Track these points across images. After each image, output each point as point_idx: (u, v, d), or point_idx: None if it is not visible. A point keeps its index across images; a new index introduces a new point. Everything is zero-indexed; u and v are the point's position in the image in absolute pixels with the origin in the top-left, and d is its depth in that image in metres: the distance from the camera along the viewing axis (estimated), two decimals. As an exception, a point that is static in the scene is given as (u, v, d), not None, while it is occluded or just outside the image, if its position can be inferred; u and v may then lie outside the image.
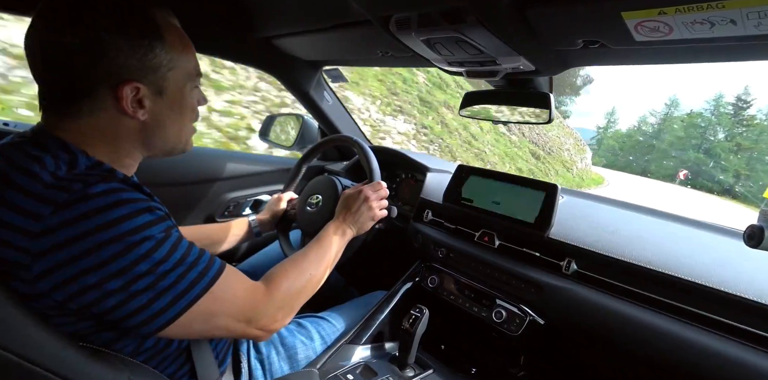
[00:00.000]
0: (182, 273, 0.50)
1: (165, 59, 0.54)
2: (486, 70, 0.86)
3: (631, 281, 0.78)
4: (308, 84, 1.44)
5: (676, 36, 0.52)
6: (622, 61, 0.74)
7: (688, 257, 0.76)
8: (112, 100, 0.51)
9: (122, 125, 0.54)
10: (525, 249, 0.94)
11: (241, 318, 0.57)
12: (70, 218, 0.44)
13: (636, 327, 0.72)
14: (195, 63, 0.61)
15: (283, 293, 0.64)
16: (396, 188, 1.43)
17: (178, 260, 0.50)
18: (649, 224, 0.96)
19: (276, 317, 0.62)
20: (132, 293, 0.46)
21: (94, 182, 0.47)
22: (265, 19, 1.07)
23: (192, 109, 0.62)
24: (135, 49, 0.51)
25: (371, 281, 1.33)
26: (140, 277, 0.46)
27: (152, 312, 0.48)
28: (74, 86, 0.51)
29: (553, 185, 0.92)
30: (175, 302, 0.49)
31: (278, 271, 0.67)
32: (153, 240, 0.48)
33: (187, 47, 0.59)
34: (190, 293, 0.50)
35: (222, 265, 0.56)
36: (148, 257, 0.47)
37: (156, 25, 0.53)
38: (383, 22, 0.73)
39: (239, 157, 1.50)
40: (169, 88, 0.56)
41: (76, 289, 0.44)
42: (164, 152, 0.62)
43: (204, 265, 0.53)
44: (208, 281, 0.52)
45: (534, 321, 0.86)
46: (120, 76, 0.51)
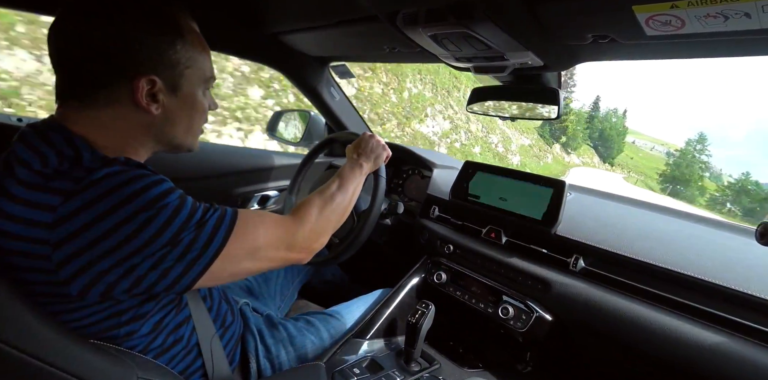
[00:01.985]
0: (202, 225, 0.52)
1: (183, 57, 0.56)
2: (494, 66, 0.85)
3: (640, 278, 0.77)
4: (315, 80, 1.44)
5: (689, 30, 0.51)
6: (632, 56, 0.73)
7: (698, 255, 0.75)
8: (128, 92, 0.53)
9: (135, 118, 0.55)
10: (532, 246, 0.94)
11: (281, 245, 0.61)
12: (82, 205, 0.45)
13: (644, 324, 0.72)
14: (210, 66, 0.62)
15: (313, 217, 0.68)
16: (403, 184, 1.43)
17: (199, 218, 0.52)
18: (658, 221, 0.95)
19: (313, 238, 0.67)
20: (160, 257, 0.48)
21: (97, 167, 0.48)
22: (273, 15, 1.07)
23: (203, 111, 0.64)
24: (157, 44, 0.53)
25: (376, 278, 1.34)
26: (166, 244, 0.48)
27: (185, 264, 0.50)
28: (95, 76, 0.52)
29: (560, 181, 0.91)
30: (204, 249, 0.51)
31: (304, 203, 0.72)
32: (170, 208, 0.49)
33: (204, 50, 0.61)
34: (216, 238, 0.52)
35: (235, 210, 0.58)
36: (170, 224, 0.48)
37: (177, 24, 0.56)
38: (390, 17, 0.73)
39: (246, 152, 1.51)
40: (183, 87, 0.58)
41: (103, 268, 0.46)
42: (170, 148, 0.63)
43: (220, 211, 0.55)
44: (229, 222, 0.55)
45: (540, 318, 0.86)
46: (139, 68, 0.52)
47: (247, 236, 0.56)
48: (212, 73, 0.63)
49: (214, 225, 0.53)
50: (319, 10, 0.96)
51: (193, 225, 0.51)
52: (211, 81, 0.64)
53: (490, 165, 1.07)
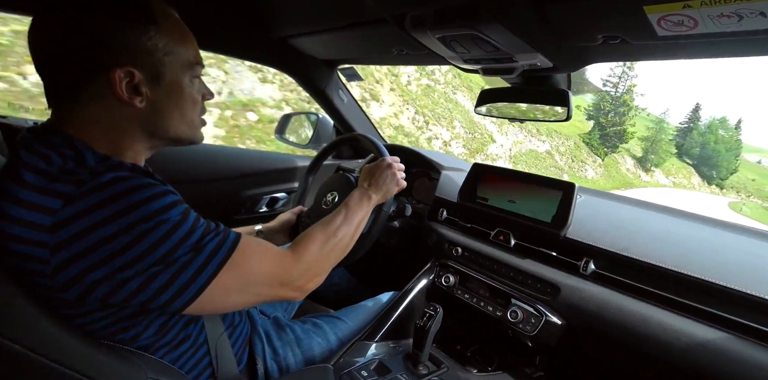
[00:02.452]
0: (201, 247, 0.50)
1: (160, 43, 0.53)
2: (502, 68, 0.85)
3: (652, 282, 0.76)
4: (324, 83, 1.45)
5: (701, 30, 0.50)
6: (643, 56, 0.72)
7: (712, 259, 0.74)
8: (108, 86, 0.50)
9: (121, 113, 0.53)
10: (541, 249, 0.93)
11: (274, 281, 0.59)
12: (83, 209, 0.44)
13: (657, 329, 0.70)
14: (195, 53, 0.59)
15: (312, 254, 0.65)
16: (410, 187, 1.43)
17: (198, 238, 0.50)
18: (670, 223, 0.94)
19: (308, 277, 0.64)
20: (150, 275, 0.47)
21: (102, 171, 0.47)
22: (282, 19, 1.09)
23: (193, 100, 0.60)
24: (129, 31, 0.50)
25: (383, 281, 1.34)
26: (159, 260, 0.47)
27: (176, 288, 0.48)
28: (71, 74, 0.51)
29: (570, 183, 0.90)
30: (197, 275, 0.49)
31: (305, 236, 0.68)
32: (170, 223, 0.48)
33: (185, 36, 0.58)
34: (211, 264, 0.51)
35: (237, 236, 0.56)
36: (166, 240, 0.47)
37: (151, 10, 0.53)
38: (398, 20, 0.73)
39: (255, 155, 1.52)
40: (166, 75, 0.55)
41: (94, 279, 0.45)
42: (168, 141, 0.61)
43: (221, 236, 0.53)
44: (227, 250, 0.53)
45: (550, 322, 0.84)
46: (113, 59, 0.50)
47: (241, 267, 0.54)
48: (197, 58, 0.60)
49: (212, 250, 0.51)
50: (327, 13, 0.97)
51: (189, 246, 0.49)
52: (198, 67, 0.60)
53: (499, 167, 1.07)
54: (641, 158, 39.62)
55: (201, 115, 0.64)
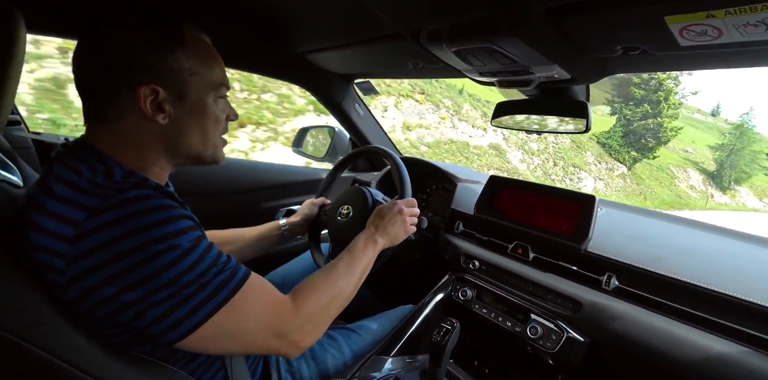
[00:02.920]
0: (205, 283, 0.49)
1: (186, 64, 0.56)
2: (519, 80, 0.84)
3: (679, 298, 0.73)
4: (340, 97, 1.48)
5: (726, 39, 0.49)
6: (664, 67, 0.71)
7: (743, 275, 0.71)
8: (134, 103, 0.53)
9: (146, 129, 0.55)
10: (561, 263, 0.91)
11: (268, 332, 0.55)
12: (103, 224, 0.46)
13: (686, 349, 0.67)
14: (221, 75, 0.61)
15: (312, 307, 0.61)
16: (426, 199, 1.42)
17: (203, 270, 0.50)
18: (699, 238, 0.90)
19: (306, 330, 0.60)
20: (152, 302, 0.46)
21: (128, 188, 0.49)
22: (300, 36, 1.11)
23: (216, 119, 0.62)
24: (156, 51, 0.53)
25: (398, 294, 1.32)
26: (162, 287, 0.46)
27: (172, 321, 0.47)
28: (101, 90, 0.53)
29: (590, 196, 0.89)
30: (195, 311, 0.48)
31: (307, 284, 0.65)
32: (179, 250, 0.48)
33: (212, 58, 0.60)
34: (211, 302, 0.49)
35: (246, 273, 0.55)
36: (173, 266, 0.47)
37: (179, 32, 0.56)
38: (414, 34, 0.74)
39: (272, 168, 1.54)
40: (190, 94, 0.57)
41: (101, 296, 0.45)
42: (190, 159, 0.62)
43: (230, 271, 0.52)
44: (231, 290, 0.51)
45: (572, 339, 0.81)
46: (140, 77, 0.53)
47: (240, 310, 0.52)
48: (222, 80, 0.62)
49: (216, 287, 0.50)
50: (343, 29, 0.99)
51: (195, 276, 0.49)
52: (223, 88, 0.62)
53: (516, 180, 1.05)
54: (714, 172, 31.11)
55: (223, 134, 0.66)
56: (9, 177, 0.81)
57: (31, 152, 1.10)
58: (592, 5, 0.52)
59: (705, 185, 29.42)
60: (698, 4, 0.44)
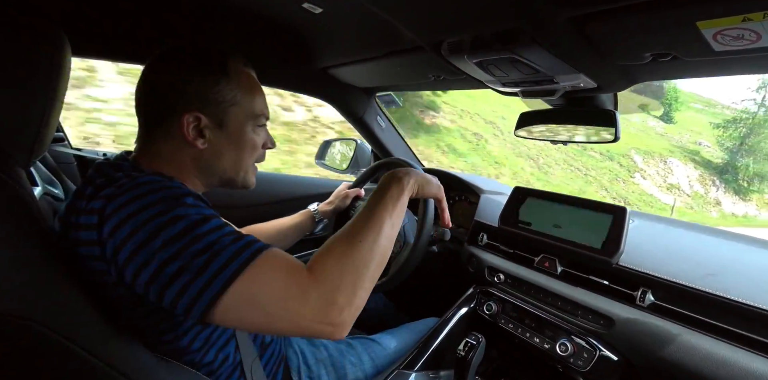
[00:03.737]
0: (217, 250, 0.47)
1: (228, 95, 0.61)
2: (543, 90, 0.83)
3: (721, 316, 0.68)
4: (362, 110, 1.50)
5: (765, 43, 0.47)
6: (696, 73, 0.68)
7: None
8: (178, 127, 0.58)
9: (186, 151, 0.61)
10: (591, 277, 0.87)
11: (291, 302, 0.48)
12: (119, 204, 0.48)
13: (730, 370, 0.62)
14: (261, 106, 0.66)
15: (334, 271, 0.51)
16: (449, 210, 1.41)
17: (214, 239, 0.48)
18: (738, 251, 0.85)
19: (334, 301, 0.49)
20: (168, 274, 0.45)
21: (140, 175, 0.53)
22: (322, 52, 1.15)
23: (252, 146, 0.66)
24: (202, 83, 0.59)
25: (422, 307, 1.30)
26: (172, 259, 0.46)
27: (193, 292, 0.45)
28: (154, 115, 0.60)
29: (621, 207, 0.85)
30: (211, 280, 0.45)
31: (323, 248, 0.55)
32: (187, 220, 0.48)
33: (253, 90, 0.65)
34: (227, 270, 0.46)
35: (263, 245, 0.50)
36: (180, 238, 0.46)
37: (225, 65, 0.61)
38: (435, 47, 0.75)
39: (297, 180, 1.57)
40: (230, 123, 0.62)
41: (133, 269, 0.46)
42: (221, 182, 0.67)
43: (242, 244, 0.49)
44: (246, 258, 0.47)
45: (605, 357, 0.77)
46: (186, 106, 0.58)
47: (258, 277, 0.48)
48: (262, 111, 0.66)
49: (230, 256, 0.47)
50: (366, 44, 1.01)
51: (206, 245, 0.47)
52: (262, 118, 0.67)
53: (542, 191, 1.03)
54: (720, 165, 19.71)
55: (258, 161, 0.70)
56: (53, 191, 0.86)
57: (72, 167, 1.17)
58: (618, 12, 0.51)
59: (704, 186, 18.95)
60: (733, 7, 0.43)
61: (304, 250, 1.48)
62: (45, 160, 0.99)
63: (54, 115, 0.53)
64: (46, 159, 1.00)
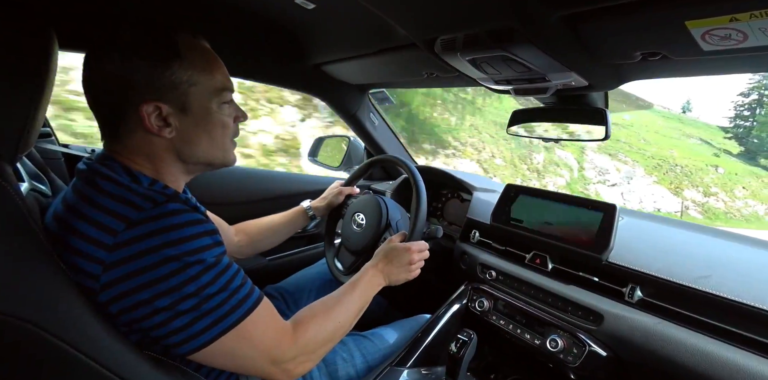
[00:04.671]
0: (224, 299, 0.52)
1: (184, 76, 0.56)
2: (535, 88, 0.84)
3: (709, 313, 0.69)
4: (355, 106, 1.49)
5: (752, 43, 0.48)
6: (685, 72, 0.70)
7: None
8: (139, 120, 0.54)
9: (156, 143, 0.57)
10: (581, 273, 0.88)
11: (266, 356, 0.56)
12: (140, 235, 0.48)
13: (717, 365, 0.64)
14: (222, 80, 0.61)
15: (310, 338, 0.62)
16: (442, 208, 1.41)
17: (222, 285, 0.52)
18: (729, 249, 0.86)
19: (300, 361, 0.61)
20: (177, 312, 0.49)
21: (163, 202, 0.51)
22: (316, 48, 1.14)
23: (223, 125, 0.62)
24: (152, 68, 0.53)
25: (415, 304, 1.30)
26: (187, 297, 0.49)
27: (190, 333, 0.50)
28: (108, 110, 0.56)
29: (611, 205, 0.86)
30: (212, 325, 0.50)
31: (308, 315, 0.66)
32: (204, 264, 0.50)
33: (210, 65, 0.59)
34: (228, 319, 0.52)
35: (260, 297, 0.57)
36: (197, 279, 0.49)
37: (174, 45, 0.55)
38: (429, 44, 0.75)
39: (287, 177, 1.57)
40: (193, 105, 0.57)
41: (131, 302, 0.48)
42: (201, 165, 0.64)
43: (245, 293, 0.54)
44: (246, 310, 0.54)
45: (594, 353, 0.78)
46: (141, 95, 0.54)
47: (248, 331, 0.54)
48: (225, 84, 0.61)
49: (234, 305, 0.53)
50: (359, 41, 1.00)
51: (216, 291, 0.51)
52: (226, 93, 0.62)
53: (534, 188, 1.03)
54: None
55: (233, 137, 0.67)
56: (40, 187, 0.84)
57: (60, 163, 1.14)
58: (609, 12, 0.51)
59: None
60: (721, 8, 0.43)
61: (298, 247, 1.48)
62: (31, 156, 0.97)
63: (40, 110, 0.52)
64: (33, 155, 0.98)
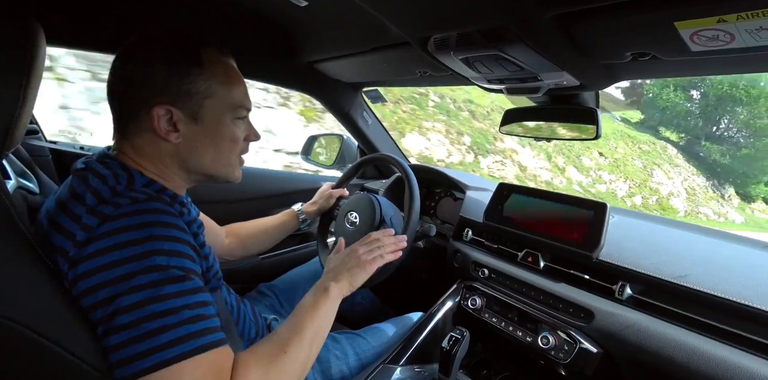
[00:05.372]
0: (175, 324, 0.45)
1: (202, 87, 0.57)
2: (527, 87, 0.84)
3: (697, 309, 0.70)
4: (348, 105, 1.49)
5: (739, 44, 0.48)
6: (675, 72, 0.71)
7: (765, 285, 0.68)
8: (150, 122, 0.56)
9: (161, 146, 0.58)
10: (573, 271, 0.89)
11: None
12: (110, 230, 0.48)
13: (704, 361, 0.65)
14: (240, 97, 0.62)
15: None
16: (435, 207, 1.42)
17: (179, 306, 0.46)
18: (718, 247, 0.88)
19: None
20: (119, 324, 0.44)
21: (143, 200, 0.51)
22: (309, 45, 1.13)
23: (232, 139, 0.63)
24: (171, 74, 0.55)
25: (408, 303, 1.31)
26: (132, 307, 0.45)
27: (126, 354, 0.44)
28: (124, 108, 0.57)
29: (602, 203, 0.87)
30: (150, 352, 0.44)
31: (248, 357, 0.54)
32: (166, 272, 0.47)
33: (231, 81, 0.61)
34: (169, 350, 0.44)
35: (221, 341, 0.49)
36: (154, 286, 0.46)
37: (198, 55, 0.57)
38: (422, 43, 0.75)
39: (281, 175, 1.56)
40: (205, 116, 0.59)
41: (92, 301, 0.46)
42: (203, 177, 0.64)
43: (203, 327, 0.47)
44: (196, 347, 0.46)
45: (585, 349, 0.79)
46: (155, 98, 0.55)
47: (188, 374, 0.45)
48: (242, 102, 0.63)
49: (183, 336, 0.45)
50: (352, 38, 1.00)
51: (163, 311, 0.45)
52: (242, 110, 0.63)
53: (526, 187, 1.04)
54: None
55: (241, 154, 0.67)
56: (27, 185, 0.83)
57: (47, 160, 1.13)
58: (600, 12, 0.52)
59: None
60: (709, 9, 0.44)
61: (291, 245, 1.48)
62: (18, 153, 0.96)
63: (27, 106, 0.51)
64: (20, 152, 0.97)
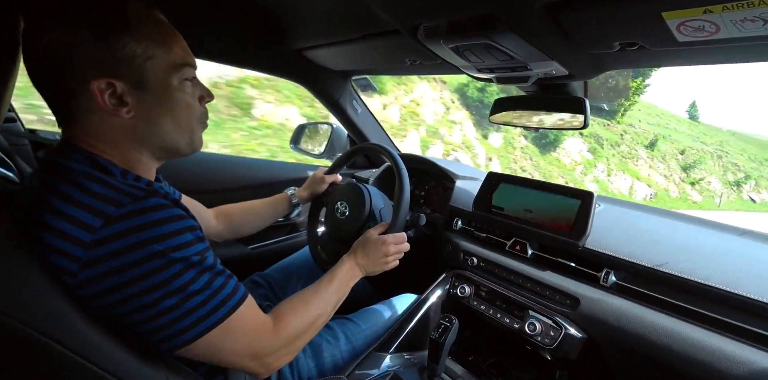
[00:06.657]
0: (207, 297, 0.51)
1: (138, 48, 0.49)
2: (517, 76, 0.84)
3: (678, 295, 0.73)
4: (338, 93, 1.47)
5: (724, 35, 0.49)
6: (662, 62, 0.71)
7: (742, 271, 0.71)
8: (91, 100, 0.48)
9: (113, 126, 0.51)
10: (560, 259, 0.91)
11: (247, 351, 0.56)
12: (121, 231, 0.46)
13: (683, 344, 0.67)
14: (182, 54, 0.55)
15: (290, 331, 0.61)
16: (425, 196, 1.42)
17: (205, 283, 0.51)
18: (699, 234, 0.90)
19: (279, 354, 0.60)
20: (161, 309, 0.47)
21: (142, 197, 0.49)
22: (297, 32, 1.11)
23: (186, 104, 0.56)
24: (100, 40, 0.47)
25: (398, 290, 1.32)
26: (171, 294, 0.48)
27: (173, 330, 0.49)
28: (57, 88, 0.49)
29: (589, 192, 0.89)
30: (196, 324, 0.50)
31: (288, 308, 0.65)
32: (187, 261, 0.49)
33: (167, 37, 0.53)
34: (211, 317, 0.51)
35: (244, 294, 0.56)
36: (180, 276, 0.48)
37: (124, 13, 0.49)
38: (412, 31, 0.74)
39: (267, 165, 1.54)
40: (150, 81, 0.51)
41: (114, 299, 0.46)
42: (167, 151, 0.58)
43: (228, 291, 0.53)
44: (229, 308, 0.53)
45: (570, 335, 0.82)
46: (90, 71, 0.48)
47: (232, 328, 0.53)
48: (185, 59, 0.55)
49: (220, 302, 0.52)
50: (341, 26, 0.98)
51: (200, 288, 0.50)
52: (187, 69, 0.55)
53: (515, 176, 1.05)
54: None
55: (201, 119, 0.61)
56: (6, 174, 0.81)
57: (26, 149, 1.10)
58: (589, 1, 0.52)
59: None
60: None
61: (280, 236, 1.47)
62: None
63: (6, 94, 0.49)
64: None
